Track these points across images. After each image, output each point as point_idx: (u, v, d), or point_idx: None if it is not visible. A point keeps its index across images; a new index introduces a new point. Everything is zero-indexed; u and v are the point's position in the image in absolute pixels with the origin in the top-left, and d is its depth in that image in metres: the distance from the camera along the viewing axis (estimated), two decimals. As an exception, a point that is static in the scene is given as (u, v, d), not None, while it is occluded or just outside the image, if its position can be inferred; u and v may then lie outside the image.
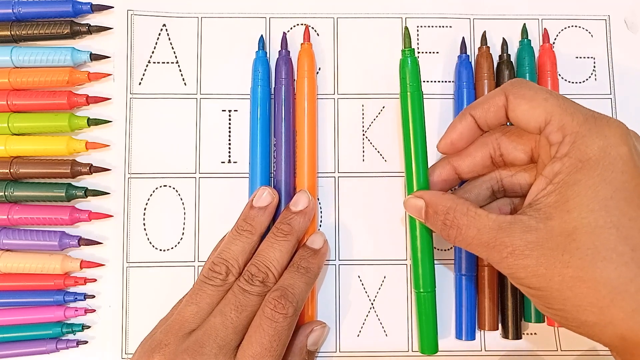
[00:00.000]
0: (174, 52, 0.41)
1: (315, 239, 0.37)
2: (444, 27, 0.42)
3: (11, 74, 0.39)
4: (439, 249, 0.40)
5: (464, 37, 0.42)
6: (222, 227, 0.39)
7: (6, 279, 0.38)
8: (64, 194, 0.38)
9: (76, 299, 0.38)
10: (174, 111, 0.41)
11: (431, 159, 0.37)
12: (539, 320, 0.38)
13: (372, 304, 0.40)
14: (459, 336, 0.39)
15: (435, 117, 0.41)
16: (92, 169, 0.39)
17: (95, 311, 0.39)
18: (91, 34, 0.40)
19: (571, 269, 0.27)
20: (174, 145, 0.41)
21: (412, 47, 0.36)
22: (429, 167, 0.36)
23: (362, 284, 0.40)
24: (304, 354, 0.36)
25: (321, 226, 0.40)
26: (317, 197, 0.40)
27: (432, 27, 0.42)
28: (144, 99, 0.41)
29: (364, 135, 0.41)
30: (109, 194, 0.40)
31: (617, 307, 0.27)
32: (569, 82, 0.42)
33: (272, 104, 0.40)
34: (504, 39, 0.41)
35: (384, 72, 0.41)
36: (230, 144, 0.41)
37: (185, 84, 0.41)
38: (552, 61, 0.41)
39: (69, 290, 0.39)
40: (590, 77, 0.42)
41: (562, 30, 0.43)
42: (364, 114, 0.41)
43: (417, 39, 0.42)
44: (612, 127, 0.29)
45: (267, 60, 0.41)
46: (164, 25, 0.42)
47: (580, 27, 0.43)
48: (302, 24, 0.42)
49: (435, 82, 0.42)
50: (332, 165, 0.41)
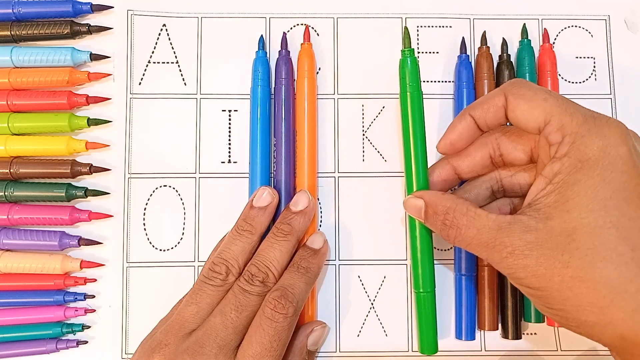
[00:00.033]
0: (174, 52, 0.41)
1: (315, 239, 0.37)
2: (444, 27, 0.42)
3: (11, 74, 0.39)
4: (438, 249, 0.40)
5: (463, 37, 0.42)
6: (222, 227, 0.39)
7: (6, 279, 0.38)
8: (64, 194, 0.38)
9: (76, 299, 0.38)
10: (174, 111, 0.41)
11: (431, 159, 0.37)
12: (538, 320, 0.38)
13: (372, 304, 0.40)
14: (458, 336, 0.39)
15: (435, 117, 0.41)
16: (92, 169, 0.39)
17: (95, 311, 0.39)
18: (91, 34, 0.40)
19: (571, 269, 0.27)
20: (174, 145, 0.41)
21: (411, 47, 0.36)
22: (428, 167, 0.36)
23: (362, 284, 0.40)
24: (304, 354, 0.36)
25: (321, 226, 0.40)
26: (317, 197, 0.40)
27: (432, 27, 0.42)
28: (144, 99, 0.41)
29: (364, 135, 0.41)
30: (109, 194, 0.40)
31: (617, 307, 0.27)
32: (569, 82, 0.42)
33: (272, 104, 0.40)
34: (503, 39, 0.41)
35: (384, 72, 0.41)
36: (230, 144, 0.41)
37: (185, 84, 0.41)
38: (552, 61, 0.41)
39: (69, 290, 0.39)
40: (590, 77, 0.42)
41: (562, 30, 0.43)
42: (364, 114, 0.41)
43: (417, 39, 0.42)
44: (611, 127, 0.29)
45: (267, 60, 0.41)
46: (164, 25, 0.42)
47: (580, 27, 0.43)
48: (302, 24, 0.42)
49: (435, 82, 0.42)
50: (332, 165, 0.41)
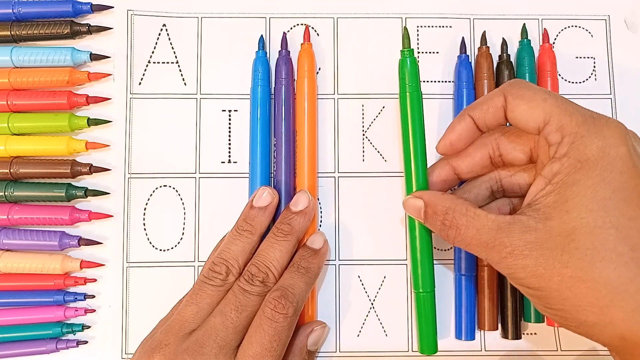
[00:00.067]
0: (174, 52, 0.41)
1: (315, 239, 0.37)
2: (444, 27, 0.42)
3: (11, 74, 0.39)
4: (438, 249, 0.40)
5: (463, 37, 0.42)
6: (222, 227, 0.39)
7: (6, 279, 0.38)
8: (64, 194, 0.38)
9: (76, 299, 0.38)
10: (174, 111, 0.41)
11: (430, 159, 0.37)
12: (538, 320, 0.38)
13: (372, 304, 0.40)
14: (458, 336, 0.39)
15: (434, 117, 0.41)
16: (92, 169, 0.39)
17: (95, 311, 0.39)
18: (91, 34, 0.40)
19: (570, 269, 0.27)
20: (174, 145, 0.41)
21: (411, 47, 0.36)
22: (428, 167, 0.36)
23: (362, 284, 0.40)
24: (304, 354, 0.36)
25: (321, 226, 0.40)
26: (317, 197, 0.40)
27: (432, 27, 0.42)
28: (144, 99, 0.41)
29: (364, 135, 0.41)
30: (109, 194, 0.40)
31: (616, 307, 0.27)
32: (569, 82, 0.42)
33: (272, 104, 0.40)
34: (503, 39, 0.41)
35: (384, 72, 0.41)
36: (230, 144, 0.41)
37: (185, 84, 0.41)
38: (552, 61, 0.41)
39: (69, 290, 0.39)
40: (590, 77, 0.42)
41: (562, 30, 0.43)
42: (364, 114, 0.41)
43: (417, 39, 0.42)
44: (610, 127, 0.29)
45: (267, 60, 0.41)
46: (164, 25, 0.42)
47: (580, 27, 0.43)
48: (302, 24, 0.42)
49: (434, 82, 0.42)
50: (332, 165, 0.41)
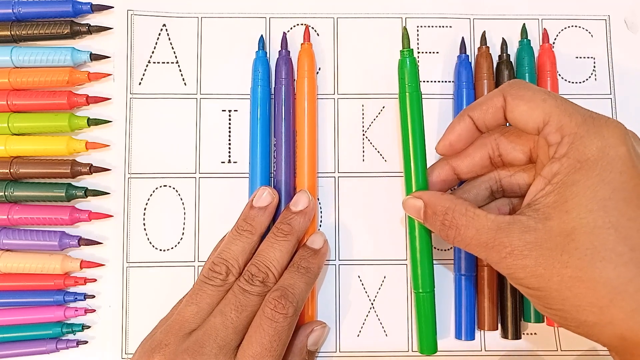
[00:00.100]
0: (174, 52, 0.41)
1: (315, 239, 0.37)
2: (444, 27, 0.42)
3: (11, 74, 0.39)
4: (438, 249, 0.40)
5: (463, 37, 0.42)
6: (222, 227, 0.39)
7: (6, 279, 0.38)
8: (64, 194, 0.38)
9: (76, 299, 0.38)
10: (174, 111, 0.41)
11: (430, 159, 0.37)
12: (538, 320, 0.38)
13: (372, 304, 0.40)
14: (458, 336, 0.39)
15: (434, 117, 0.41)
16: (92, 169, 0.39)
17: (95, 311, 0.39)
18: (91, 34, 0.40)
19: (570, 269, 0.27)
20: (174, 145, 0.41)
21: (410, 47, 0.36)
22: (427, 167, 0.36)
23: (362, 284, 0.40)
24: (304, 354, 0.36)
25: (321, 226, 0.40)
26: (317, 197, 0.40)
27: (432, 27, 0.42)
28: (144, 99, 0.41)
29: (364, 135, 0.41)
30: (109, 194, 0.40)
31: (616, 307, 0.27)
32: (569, 82, 0.42)
33: (272, 104, 0.40)
34: (503, 39, 0.41)
35: (384, 72, 0.41)
36: (230, 144, 0.41)
37: (185, 84, 0.41)
38: (552, 61, 0.41)
39: (69, 290, 0.39)
40: (590, 77, 0.42)
41: (562, 30, 0.43)
42: (364, 114, 0.41)
43: (417, 39, 0.42)
44: (610, 127, 0.29)
45: (267, 60, 0.41)
46: (164, 25, 0.42)
47: (580, 27, 0.43)
48: (302, 24, 0.42)
49: (434, 82, 0.42)
50: (332, 165, 0.41)
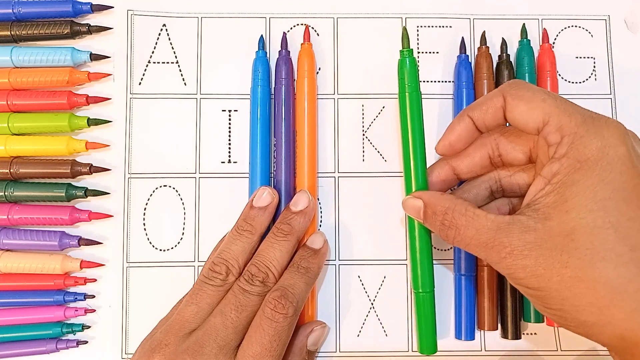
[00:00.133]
0: (174, 52, 0.41)
1: (315, 239, 0.37)
2: (444, 27, 0.42)
3: (11, 74, 0.39)
4: (438, 249, 0.40)
5: (463, 37, 0.42)
6: (222, 227, 0.39)
7: (6, 279, 0.38)
8: (64, 194, 0.38)
9: (76, 299, 0.38)
10: (174, 111, 0.41)
11: (430, 159, 0.37)
12: (538, 320, 0.38)
13: (372, 304, 0.40)
14: (458, 336, 0.39)
15: (434, 117, 0.41)
16: (92, 169, 0.39)
17: (95, 311, 0.39)
18: (91, 34, 0.40)
19: (570, 269, 0.27)
20: (174, 145, 0.41)
21: (410, 47, 0.36)
22: (427, 167, 0.36)
23: (362, 284, 0.40)
24: (304, 354, 0.36)
25: (321, 226, 0.40)
26: (317, 197, 0.40)
27: (432, 27, 0.42)
28: (144, 99, 0.41)
29: (364, 135, 0.41)
30: (109, 194, 0.40)
31: (616, 307, 0.27)
32: (569, 82, 0.42)
33: (272, 104, 0.40)
34: (503, 39, 0.41)
35: (384, 72, 0.41)
36: (230, 144, 0.41)
37: (185, 84, 0.41)
38: (552, 61, 0.40)
39: (69, 290, 0.39)
40: (590, 77, 0.42)
41: (562, 30, 0.43)
42: (364, 114, 0.41)
43: (417, 39, 0.42)
44: (610, 127, 0.29)
45: (267, 60, 0.41)
46: (164, 25, 0.42)
47: (580, 27, 0.43)
48: (302, 24, 0.42)
49: (434, 82, 0.42)
50: (332, 165, 0.41)
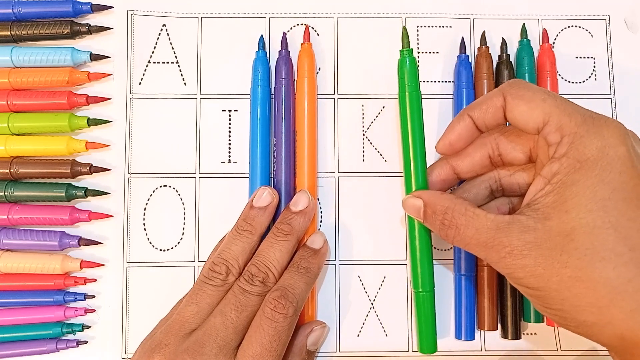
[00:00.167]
0: (174, 52, 0.41)
1: (315, 239, 0.37)
2: (444, 27, 0.42)
3: (11, 74, 0.39)
4: (438, 249, 0.40)
5: (463, 37, 0.42)
6: (222, 227, 0.39)
7: (6, 279, 0.38)
8: (64, 194, 0.38)
9: (76, 299, 0.38)
10: (174, 111, 0.41)
11: (430, 159, 0.37)
12: (538, 320, 0.38)
13: (372, 304, 0.40)
14: (458, 336, 0.39)
15: (434, 117, 0.41)
16: (92, 169, 0.39)
17: (95, 311, 0.39)
18: (91, 34, 0.40)
19: (569, 269, 0.27)
20: (174, 145, 0.41)
21: (410, 47, 0.36)
22: (427, 167, 0.36)
23: (362, 284, 0.40)
24: (303, 354, 0.36)
25: (321, 226, 0.40)
26: (317, 197, 0.40)
27: (432, 27, 0.42)
28: (144, 99, 0.41)
29: (364, 135, 0.41)
30: (109, 194, 0.40)
31: (616, 307, 0.27)
32: (569, 82, 0.42)
33: (272, 104, 0.40)
34: (503, 39, 0.41)
35: (384, 72, 0.41)
36: (230, 144, 0.41)
37: (185, 84, 0.41)
38: (552, 61, 0.40)
39: (69, 290, 0.39)
40: (590, 77, 0.42)
41: (562, 30, 0.43)
42: (364, 114, 0.41)
43: (417, 39, 0.42)
44: (610, 127, 0.28)
45: (267, 60, 0.41)
46: (164, 25, 0.42)
47: (580, 27, 0.43)
48: (302, 24, 0.42)
49: (434, 82, 0.42)
50: (332, 165, 0.41)
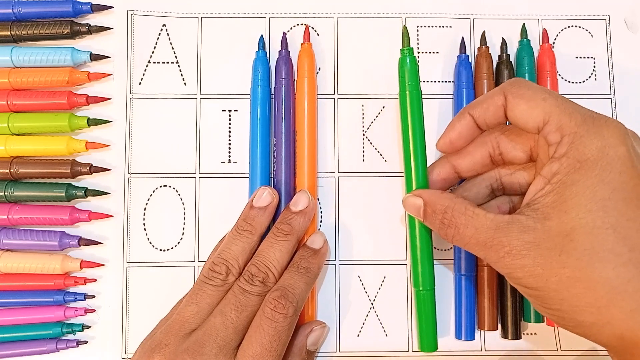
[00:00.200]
0: (174, 52, 0.41)
1: (315, 239, 0.37)
2: (444, 27, 0.42)
3: (11, 74, 0.39)
4: (438, 249, 0.40)
5: (463, 37, 0.42)
6: (222, 227, 0.39)
7: (6, 279, 0.38)
8: (64, 194, 0.38)
9: (76, 299, 0.38)
10: (174, 111, 0.41)
11: (430, 159, 0.37)
12: (538, 320, 0.38)
13: (372, 304, 0.40)
14: (458, 336, 0.39)
15: (434, 117, 0.41)
16: (92, 169, 0.39)
17: (95, 311, 0.39)
18: (91, 34, 0.40)
19: (568, 269, 0.27)
20: (174, 145, 0.41)
21: (410, 46, 0.36)
22: (428, 166, 0.36)
23: (362, 284, 0.40)
24: (303, 354, 0.36)
25: (321, 226, 0.40)
26: (317, 197, 0.40)
27: (432, 27, 0.42)
28: (144, 99, 0.41)
29: (364, 135, 0.41)
30: (109, 194, 0.40)
31: (616, 307, 0.27)
32: (569, 82, 0.42)
33: (272, 104, 0.40)
34: (503, 39, 0.41)
35: (384, 72, 0.41)
36: (230, 144, 0.41)
37: (185, 84, 0.41)
38: (552, 61, 0.40)
39: (69, 290, 0.39)
40: (590, 77, 0.42)
41: (562, 30, 0.43)
42: (364, 114, 0.41)
43: (417, 39, 0.42)
44: (610, 127, 0.28)
45: (267, 60, 0.41)
46: (164, 25, 0.42)
47: (580, 27, 0.43)
48: (302, 24, 0.42)
49: (434, 82, 0.42)
50: (332, 165, 0.41)
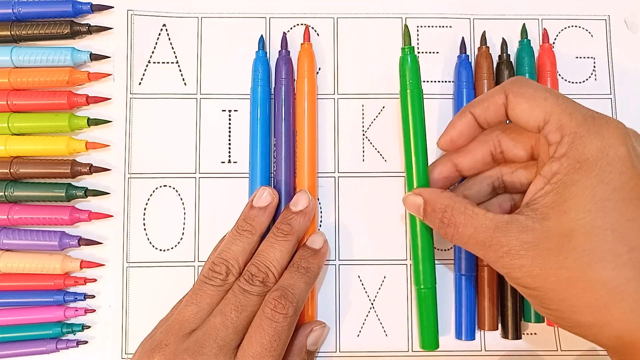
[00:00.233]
0: (174, 52, 0.41)
1: (315, 239, 0.37)
2: (444, 27, 0.42)
3: (11, 74, 0.39)
4: (439, 249, 0.40)
5: (463, 37, 0.42)
6: (222, 227, 0.39)
7: (6, 279, 0.38)
8: (64, 194, 0.38)
9: (76, 299, 0.38)
10: (174, 111, 0.41)
11: (431, 158, 0.37)
12: (538, 320, 0.38)
13: (372, 304, 0.40)
14: (458, 336, 0.39)
15: (434, 117, 0.41)
16: (92, 169, 0.39)
17: (95, 311, 0.39)
18: (91, 34, 0.40)
19: (567, 269, 0.27)
20: (174, 145, 0.41)
21: (411, 45, 0.36)
22: (429, 164, 0.36)
23: (362, 284, 0.40)
24: (303, 354, 0.36)
25: (321, 226, 0.40)
26: (317, 197, 0.40)
27: (432, 27, 0.42)
28: (144, 99, 0.41)
29: (364, 135, 0.41)
30: (109, 194, 0.40)
31: (615, 307, 0.27)
32: (569, 82, 0.42)
33: (272, 104, 0.40)
34: (503, 39, 0.41)
35: (384, 72, 0.41)
36: (230, 144, 0.41)
37: (185, 84, 0.41)
38: (552, 61, 0.41)
39: (69, 290, 0.39)
40: (590, 77, 0.42)
41: (562, 30, 0.43)
42: (364, 114, 0.41)
43: (417, 39, 0.42)
44: (610, 127, 0.28)
45: (267, 60, 0.41)
46: (164, 25, 0.42)
47: (580, 27, 0.43)
48: (302, 24, 0.42)
49: (434, 82, 0.42)
50: (332, 165, 0.41)
